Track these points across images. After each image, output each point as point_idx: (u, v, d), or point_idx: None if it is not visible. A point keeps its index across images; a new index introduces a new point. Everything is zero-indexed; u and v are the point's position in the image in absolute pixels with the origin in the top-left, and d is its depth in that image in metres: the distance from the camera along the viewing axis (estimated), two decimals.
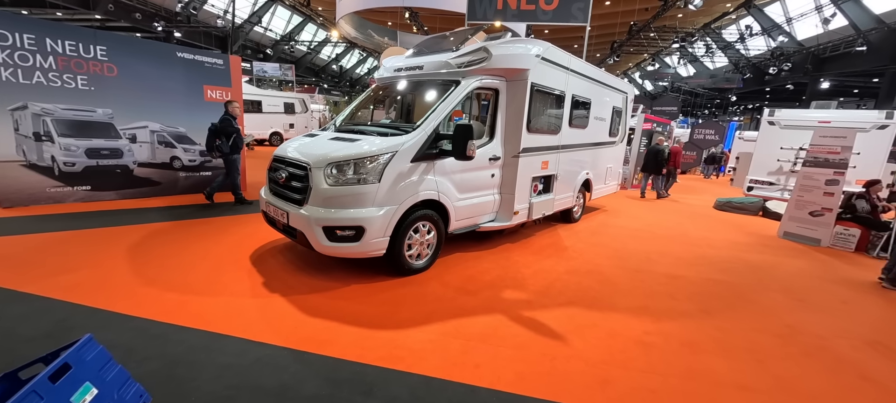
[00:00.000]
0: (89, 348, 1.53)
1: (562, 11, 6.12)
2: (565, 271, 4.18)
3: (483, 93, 4.37)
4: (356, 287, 3.40)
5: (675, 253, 5.20)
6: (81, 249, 3.81)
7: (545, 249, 4.91)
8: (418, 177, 3.55)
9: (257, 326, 2.66)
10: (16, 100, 4.84)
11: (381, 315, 2.95)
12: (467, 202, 4.17)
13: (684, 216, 8.01)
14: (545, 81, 4.71)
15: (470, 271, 3.96)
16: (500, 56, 4.14)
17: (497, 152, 4.43)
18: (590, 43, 26.32)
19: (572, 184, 6.06)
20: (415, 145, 3.51)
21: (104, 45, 5.35)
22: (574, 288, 3.72)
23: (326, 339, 2.57)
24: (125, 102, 5.64)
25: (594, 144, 6.46)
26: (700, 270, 4.57)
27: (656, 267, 4.57)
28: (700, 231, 6.72)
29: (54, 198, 5.26)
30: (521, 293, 3.54)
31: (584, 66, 5.67)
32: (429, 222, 3.77)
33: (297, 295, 3.17)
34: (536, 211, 5.10)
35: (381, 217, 3.28)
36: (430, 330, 2.77)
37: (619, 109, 7.18)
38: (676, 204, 9.51)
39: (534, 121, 4.67)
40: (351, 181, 3.23)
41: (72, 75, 5.16)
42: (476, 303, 3.25)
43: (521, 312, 3.14)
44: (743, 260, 5.16)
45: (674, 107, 18.15)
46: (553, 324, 2.98)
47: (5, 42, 4.67)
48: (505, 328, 2.87)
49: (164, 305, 2.85)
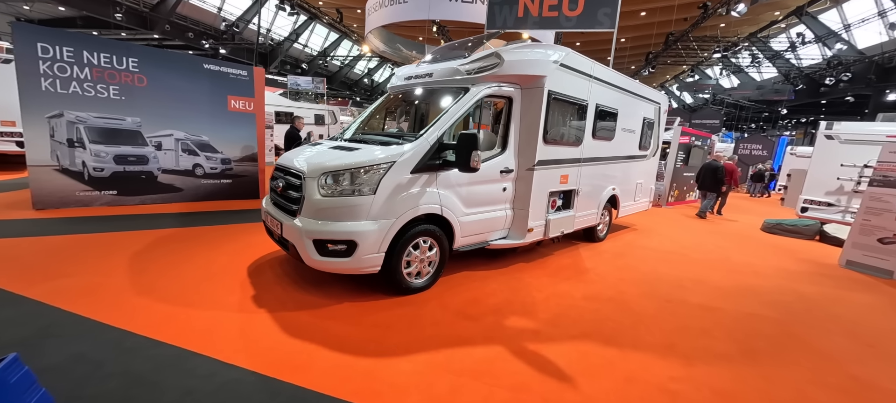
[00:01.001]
0: (13, 370, 1.39)
1: (587, 17, 5.77)
2: (582, 297, 3.76)
3: (496, 101, 4.11)
4: (349, 305, 3.19)
5: (713, 281, 4.61)
6: (89, 254, 3.88)
7: (562, 271, 4.50)
8: (419, 189, 3.32)
9: (234, 345, 2.49)
10: (53, 108, 5.13)
11: (369, 339, 2.71)
12: (475, 217, 3.88)
13: (726, 238, 7.25)
14: (565, 89, 4.38)
15: (475, 293, 3.65)
16: (514, 62, 3.88)
17: (510, 164, 4.13)
18: (624, 54, 25.41)
19: (596, 201, 5.61)
20: (415, 155, 3.29)
21: (136, 57, 5.61)
22: (590, 318, 3.31)
23: (302, 364, 2.35)
24: (153, 111, 5.86)
25: (621, 158, 5.98)
26: (742, 302, 3.99)
27: (689, 296, 4.04)
28: (744, 255, 6.01)
29: (82, 201, 5.50)
30: (528, 321, 3.18)
31: (610, 74, 5.28)
32: (430, 238, 3.52)
33: (285, 311, 2.99)
34: (554, 229, 4.71)
35: (375, 231, 3.07)
36: (419, 361, 2.48)
37: (651, 121, 6.66)
38: (718, 225, 8.68)
39: (551, 132, 4.34)
40: (345, 192, 3.05)
41: (105, 85, 5.42)
42: (475, 331, 2.93)
43: (525, 344, 2.79)
44: (795, 291, 4.49)
45: (715, 119, 16.92)
46: (561, 362, 2.60)
47: (47, 54, 4.98)
48: (503, 363, 2.54)
49: (150, 316, 2.77)
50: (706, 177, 9.64)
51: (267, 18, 29.31)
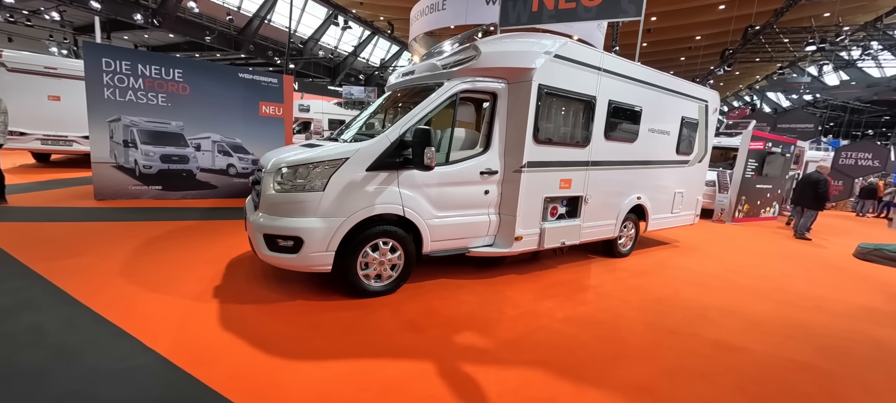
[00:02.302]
0: None
1: (608, 7, 5.15)
2: (563, 318, 3.28)
3: (479, 97, 3.82)
4: (300, 303, 3.14)
5: (753, 314, 3.75)
6: (110, 238, 4.38)
7: (556, 286, 4.01)
8: (375, 187, 3.18)
9: (166, 331, 2.56)
10: (113, 114, 5.98)
11: (297, 339, 2.61)
12: (448, 221, 3.62)
13: (797, 262, 5.94)
14: (562, 83, 3.93)
15: (438, 302, 3.38)
16: (492, 54, 3.57)
17: (493, 165, 3.80)
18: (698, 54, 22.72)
19: (614, 210, 4.95)
20: (372, 152, 3.15)
21: (181, 69, 6.34)
22: (560, 344, 2.86)
23: (215, 357, 2.33)
24: (194, 116, 6.56)
25: (650, 163, 5.22)
26: (782, 343, 3.16)
27: (708, 330, 3.31)
28: (814, 285, 4.84)
29: (133, 194, 6.31)
30: (482, 339, 2.83)
31: (629, 67, 4.64)
32: (392, 240, 3.35)
33: (235, 304, 3.04)
34: (552, 239, 4.23)
35: (321, 229, 2.99)
36: (331, 369, 2.32)
37: (694, 121, 5.74)
38: (795, 246, 7.18)
39: (545, 130, 3.92)
40: (296, 188, 3.03)
41: (155, 93, 6.20)
42: (414, 344, 2.68)
43: (461, 364, 2.47)
44: (869, 337, 3.45)
45: (809, 123, 14.11)
46: (491, 389, 2.25)
47: (109, 68, 5.83)
48: (422, 383, 2.26)
49: (114, 297, 2.99)
50: (804, 191, 8.14)
51: (335, 35, 31.90)
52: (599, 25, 11.94)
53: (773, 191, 10.39)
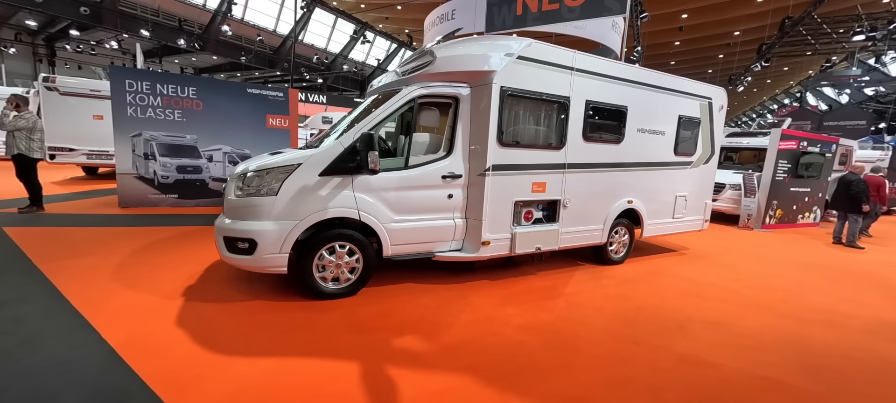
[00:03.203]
0: None
1: (591, 6, 4.98)
2: (519, 325, 3.17)
3: (443, 101, 3.82)
4: (259, 303, 3.28)
5: (742, 327, 3.43)
6: (116, 241, 4.79)
7: (525, 293, 3.89)
8: (328, 191, 3.27)
9: (125, 324, 2.77)
10: (134, 129, 6.59)
11: (241, 336, 2.74)
12: (409, 225, 3.65)
13: (824, 272, 5.35)
14: (528, 85, 3.86)
15: (396, 305, 3.39)
16: (447, 58, 3.59)
17: (456, 169, 3.78)
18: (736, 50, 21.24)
19: (601, 215, 4.74)
20: (325, 158, 3.26)
21: (194, 86, 6.88)
22: (503, 351, 2.77)
23: (156, 351, 2.49)
24: (206, 130, 7.07)
25: (641, 165, 4.96)
26: (761, 360, 2.86)
27: (680, 342, 3.07)
28: (831, 298, 4.34)
29: (153, 202, 6.89)
30: (423, 343, 2.81)
31: (608, 65, 4.47)
32: (350, 243, 3.42)
33: (198, 302, 3.23)
34: (525, 244, 4.13)
35: (274, 231, 3.12)
36: (260, 366, 2.40)
37: (695, 119, 5.39)
38: (831, 254, 6.46)
39: (511, 133, 3.86)
40: (251, 192, 3.19)
41: (171, 110, 6.77)
42: (352, 345, 2.71)
43: (387, 367, 2.46)
44: (875, 354, 3.04)
45: (860, 120, 12.59)
46: (406, 393, 2.23)
47: (131, 88, 6.45)
48: (340, 384, 2.28)
49: (97, 292, 3.28)
50: (840, 193, 7.48)
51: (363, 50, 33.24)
52: (614, 25, 11.55)
53: (812, 194, 9.44)
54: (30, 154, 5.68)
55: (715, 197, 9.31)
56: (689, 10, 20.37)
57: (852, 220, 7.40)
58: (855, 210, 7.31)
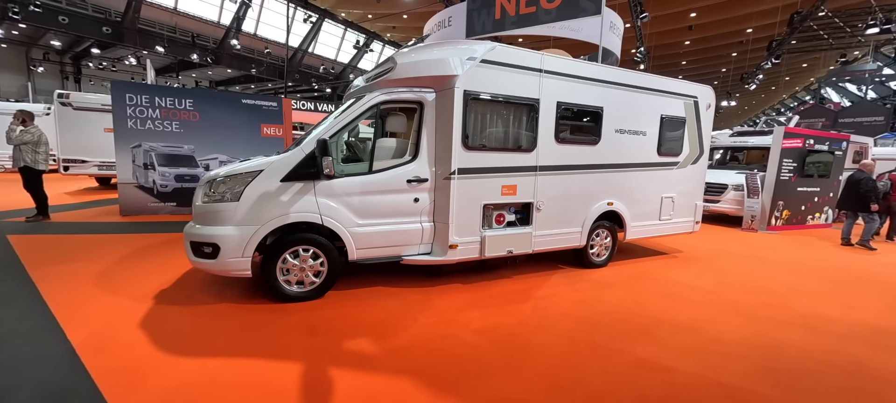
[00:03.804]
0: None
1: (567, 8, 4.95)
2: (476, 329, 3.15)
3: (408, 106, 3.86)
4: (225, 306, 3.37)
5: (715, 332, 3.31)
6: (108, 247, 5.00)
7: (493, 297, 3.86)
8: (290, 197, 3.35)
9: (91, 326, 2.89)
10: (135, 141, 6.89)
11: (197, 337, 2.82)
12: (374, 229, 3.68)
13: (824, 276, 5.12)
14: (494, 88, 3.87)
15: (358, 308, 3.43)
16: (408, 64, 3.64)
17: (421, 173, 3.81)
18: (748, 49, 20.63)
19: (578, 217, 4.67)
20: (286, 164, 3.34)
21: (191, 98, 7.15)
22: (454, 353, 2.76)
23: (112, 350, 2.59)
24: (203, 140, 7.32)
25: (621, 166, 4.87)
26: (724, 365, 2.76)
27: (642, 347, 2.99)
28: (822, 302, 4.15)
29: (152, 210, 7.16)
30: (375, 345, 2.83)
31: (580, 66, 4.43)
32: (314, 247, 3.48)
33: (167, 304, 3.34)
34: (496, 248, 4.11)
35: (235, 236, 3.20)
36: (206, 366, 2.46)
37: (679, 119, 5.27)
38: (838, 256, 6.17)
39: (477, 136, 3.87)
40: (215, 198, 3.29)
41: (169, 122, 7.05)
42: (302, 346, 2.75)
43: (329, 368, 2.49)
44: (853, 361, 2.89)
45: (878, 116, 11.94)
46: (345, 395, 2.25)
47: (132, 102, 6.76)
48: (279, 384, 2.32)
49: (76, 296, 3.43)
50: (849, 192, 7.19)
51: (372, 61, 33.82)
52: (612, 26, 11.42)
53: (822, 194, 9.04)
54: (35, 166, 6.01)
55: (717, 198, 9.06)
56: (697, 9, 19.96)
57: (868, 219, 7.07)
58: (864, 209, 6.99)
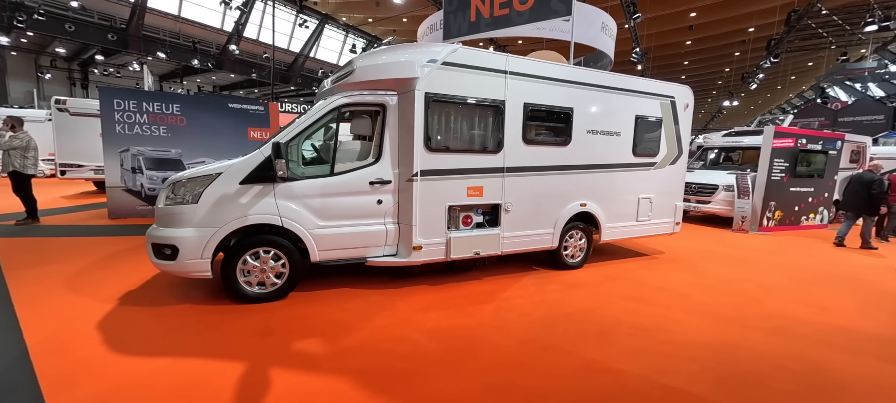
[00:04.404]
0: None
1: (539, 9, 4.94)
2: (429, 331, 3.16)
3: (371, 109, 3.90)
4: (187, 307, 3.42)
5: (672, 333, 3.28)
6: (87, 249, 5.09)
7: (456, 299, 3.86)
8: (249, 199, 3.39)
9: (49, 327, 2.95)
10: (123, 145, 7.03)
11: (151, 337, 2.86)
12: (337, 231, 3.71)
13: (807, 277, 5.03)
14: (456, 90, 3.89)
15: (318, 309, 3.45)
16: (366, 67, 3.67)
17: (384, 175, 3.84)
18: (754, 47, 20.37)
19: (549, 219, 4.65)
20: (245, 167, 3.39)
21: (178, 103, 7.28)
22: (397, 354, 2.77)
23: (63, 350, 2.64)
24: (190, 144, 7.44)
25: (593, 167, 4.85)
26: (674, 368, 2.74)
27: (594, 349, 2.97)
28: (795, 304, 4.09)
29: (140, 213, 7.28)
30: (323, 345, 2.85)
31: (547, 67, 4.42)
32: (274, 249, 3.51)
33: (130, 305, 3.40)
34: (462, 249, 4.11)
35: (194, 238, 3.25)
36: (151, 365, 2.51)
37: (655, 119, 5.23)
38: (831, 257, 6.06)
39: (440, 139, 3.89)
40: (176, 201, 3.35)
41: (157, 126, 7.17)
42: (250, 346, 2.78)
43: (271, 368, 2.51)
44: (813, 364, 2.84)
45: (878, 114, 11.67)
46: (280, 394, 2.27)
47: (119, 107, 6.90)
48: (217, 383, 2.35)
49: (43, 297, 3.50)
50: (855, 192, 7.05)
51: None
52: (604, 27, 11.38)
53: (816, 194, 8.89)
54: (24, 170, 6.15)
55: (708, 199, 8.96)
56: (697, 8, 19.78)
57: (868, 220, 6.97)
58: (873, 211, 6.90)
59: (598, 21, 11.27)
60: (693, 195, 9.29)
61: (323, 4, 25.81)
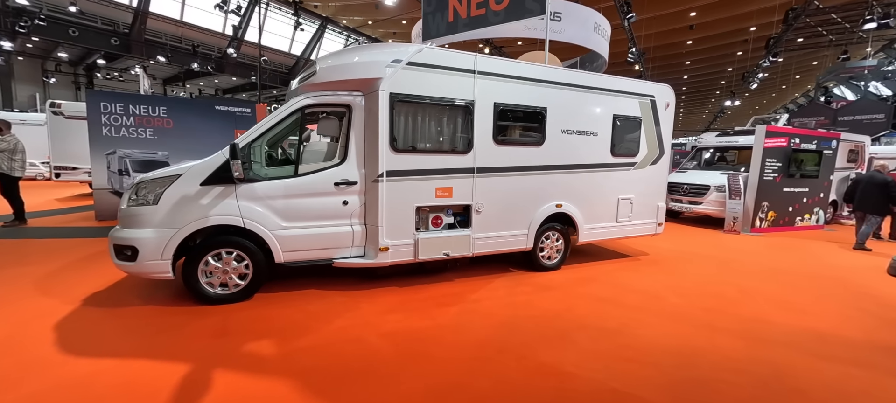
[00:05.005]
0: None
1: (514, 8, 4.90)
2: (386, 333, 3.13)
3: (336, 110, 3.88)
4: (150, 308, 3.42)
5: (636, 337, 3.22)
6: (66, 251, 5.13)
7: (422, 301, 3.82)
8: (210, 200, 3.39)
9: (9, 326, 2.97)
10: (109, 147, 7.10)
11: (107, 339, 2.87)
12: (302, 232, 3.70)
13: (789, 279, 4.91)
14: (423, 90, 3.86)
15: (279, 311, 3.44)
16: (328, 68, 3.66)
17: (350, 176, 3.82)
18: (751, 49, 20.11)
19: (523, 219, 4.60)
20: (206, 168, 3.40)
21: (165, 106, 7.34)
22: (345, 356, 2.75)
23: (16, 351, 2.65)
24: (177, 146, 7.49)
25: (569, 167, 4.79)
26: (628, 371, 2.68)
27: (550, 352, 2.92)
28: (771, 308, 3.99)
29: None
30: (275, 347, 2.83)
31: (517, 67, 4.38)
32: (238, 250, 3.51)
33: (93, 306, 3.41)
34: (430, 250, 4.08)
35: (153, 239, 3.25)
36: (99, 365, 2.50)
37: (634, 119, 5.16)
38: (814, 258, 5.92)
39: (406, 139, 3.87)
40: (137, 202, 3.35)
41: (143, 129, 7.24)
42: (201, 348, 2.77)
43: (215, 370, 2.50)
44: (775, 370, 2.76)
45: (878, 113, 11.39)
46: (216, 394, 2.25)
47: (106, 110, 6.97)
48: (160, 383, 2.34)
49: (11, 297, 3.53)
50: (867, 194, 6.89)
51: None
52: (597, 27, 11.29)
53: (811, 195, 8.72)
54: (11, 173, 6.23)
55: (700, 199, 8.83)
56: (697, 8, 19.59)
57: (870, 221, 6.87)
58: (885, 212, 6.79)
59: (590, 21, 11.18)
60: (685, 196, 9.17)
61: (323, 7, 26.02)
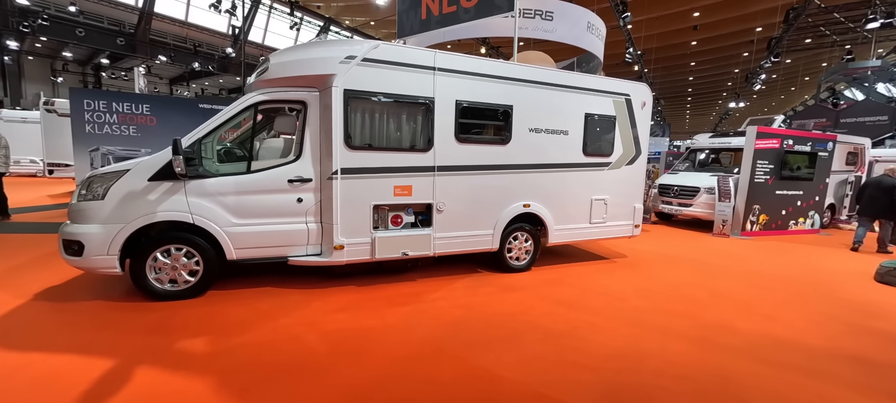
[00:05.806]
0: None
1: (484, 6, 4.83)
2: (326, 332, 3.07)
3: (291, 106, 3.85)
4: (97, 303, 3.42)
5: (584, 341, 3.12)
6: (36, 246, 5.16)
7: (376, 300, 3.76)
8: (158, 196, 3.37)
9: None
10: (92, 144, 7.18)
11: (44, 333, 2.87)
12: (254, 229, 3.67)
13: (767, 283, 4.76)
14: (379, 87, 3.81)
15: (227, 309, 3.40)
16: (279, 64, 3.63)
17: (304, 173, 3.78)
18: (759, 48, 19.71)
19: (488, 219, 4.52)
20: (155, 164, 3.38)
21: (148, 104, 7.41)
22: (277, 354, 2.70)
23: None
24: (161, 144, 7.50)
25: (537, 166, 4.70)
26: (570, 377, 2.59)
27: (489, 355, 2.84)
28: (741, 312, 3.87)
29: None
30: (208, 345, 2.79)
31: (481, 64, 4.30)
32: (188, 246, 3.49)
33: (43, 301, 3.42)
34: (388, 249, 4.02)
35: (99, 234, 3.24)
36: (21, 360, 2.49)
37: (608, 117, 5.05)
38: (801, 262, 5.73)
39: (362, 136, 3.82)
40: (85, 197, 3.35)
41: (127, 126, 7.32)
42: (133, 345, 2.74)
43: (139, 366, 2.46)
44: (723, 376, 2.65)
45: (881, 115, 10.99)
46: (131, 390, 2.22)
47: (89, 108, 7.06)
48: (77, 378, 2.31)
49: None
50: (874, 199, 6.78)
51: None
52: (591, 26, 11.16)
53: (805, 198, 8.48)
54: None
55: (689, 202, 8.65)
56: (701, 8, 19.28)
57: (886, 225, 6.84)
58: (892, 217, 6.70)
59: (583, 20, 11.05)
60: (675, 198, 8.99)
61: (326, 8, 26.16)
